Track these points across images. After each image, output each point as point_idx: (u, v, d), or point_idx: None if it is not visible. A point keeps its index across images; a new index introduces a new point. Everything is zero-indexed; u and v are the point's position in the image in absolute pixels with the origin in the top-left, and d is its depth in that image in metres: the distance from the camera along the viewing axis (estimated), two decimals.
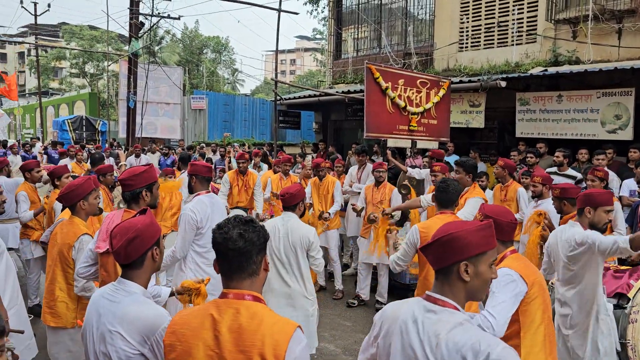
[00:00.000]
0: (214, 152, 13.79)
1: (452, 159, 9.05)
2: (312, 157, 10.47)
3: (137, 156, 12.02)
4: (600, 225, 3.54)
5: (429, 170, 7.04)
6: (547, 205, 5.39)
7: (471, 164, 5.29)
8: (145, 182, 3.35)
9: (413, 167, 7.91)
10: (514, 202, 6.34)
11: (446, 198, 3.97)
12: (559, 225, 4.32)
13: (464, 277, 1.83)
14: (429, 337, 1.79)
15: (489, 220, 1.92)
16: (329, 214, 6.87)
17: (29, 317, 3.84)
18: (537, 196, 5.61)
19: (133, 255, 2.20)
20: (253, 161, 9.02)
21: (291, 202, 4.39)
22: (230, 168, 9.94)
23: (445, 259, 1.87)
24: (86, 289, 3.44)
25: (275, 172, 8.07)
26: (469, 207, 4.67)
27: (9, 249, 6.14)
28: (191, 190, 4.58)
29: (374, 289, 6.77)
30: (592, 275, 3.50)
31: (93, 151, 12.74)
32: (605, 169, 5.99)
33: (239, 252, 1.85)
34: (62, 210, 3.91)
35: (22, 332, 3.45)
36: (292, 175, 7.91)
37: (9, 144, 16.21)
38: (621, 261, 5.00)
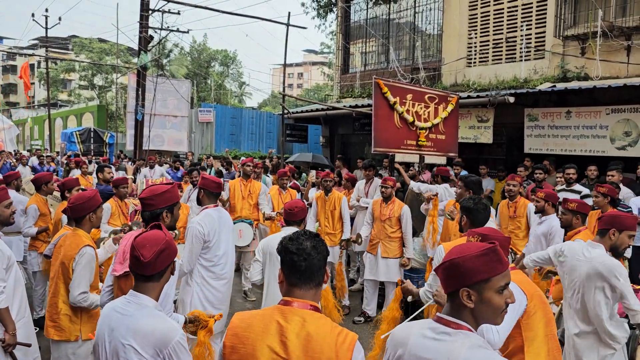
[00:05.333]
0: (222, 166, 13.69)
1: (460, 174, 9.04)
2: (316, 171, 10.47)
3: (151, 167, 12.02)
4: (621, 249, 3.49)
5: (429, 185, 7.02)
6: (551, 221, 5.37)
7: (473, 180, 5.01)
8: (166, 202, 3.23)
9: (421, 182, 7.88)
10: (523, 218, 6.27)
11: (475, 217, 3.55)
12: (564, 240, 4.28)
13: (467, 304, 1.79)
14: (445, 358, 1.76)
15: (493, 244, 1.82)
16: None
17: (35, 329, 3.80)
18: (540, 212, 5.59)
19: (160, 267, 2.22)
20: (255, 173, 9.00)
21: (294, 217, 4.25)
22: None
23: (449, 284, 1.85)
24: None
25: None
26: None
27: None
28: (199, 203, 4.59)
29: (380, 305, 6.71)
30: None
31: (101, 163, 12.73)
32: (620, 184, 5.96)
33: (312, 263, 1.95)
34: (68, 222, 3.86)
35: (29, 345, 3.44)
36: (290, 189, 7.90)
37: (20, 154, 16.17)
38: None
